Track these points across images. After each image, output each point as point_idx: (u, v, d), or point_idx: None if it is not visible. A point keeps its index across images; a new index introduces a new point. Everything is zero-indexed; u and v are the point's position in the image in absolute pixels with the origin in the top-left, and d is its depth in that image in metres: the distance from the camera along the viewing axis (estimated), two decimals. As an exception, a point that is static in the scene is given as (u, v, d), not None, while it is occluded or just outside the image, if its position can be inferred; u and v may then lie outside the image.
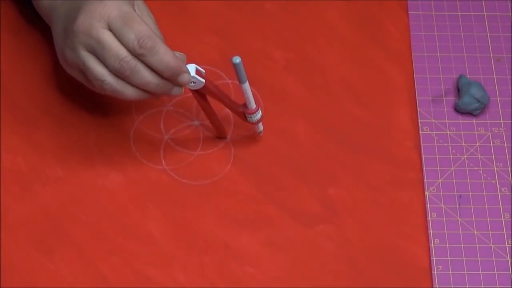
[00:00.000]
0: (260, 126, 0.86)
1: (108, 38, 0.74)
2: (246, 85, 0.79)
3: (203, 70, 0.80)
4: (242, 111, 0.83)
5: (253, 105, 0.82)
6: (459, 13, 0.97)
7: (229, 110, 0.86)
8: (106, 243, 0.82)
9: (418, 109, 0.90)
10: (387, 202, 0.85)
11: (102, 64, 0.76)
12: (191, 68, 0.78)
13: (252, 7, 0.95)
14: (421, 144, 0.88)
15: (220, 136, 0.87)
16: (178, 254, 0.82)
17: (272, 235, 0.83)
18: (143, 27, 0.74)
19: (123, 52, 0.74)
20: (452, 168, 0.87)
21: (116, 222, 0.83)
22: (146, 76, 0.76)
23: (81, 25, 0.75)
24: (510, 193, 0.86)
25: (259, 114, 0.84)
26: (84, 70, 0.77)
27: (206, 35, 0.93)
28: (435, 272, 0.82)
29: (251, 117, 0.83)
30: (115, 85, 0.76)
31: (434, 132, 0.89)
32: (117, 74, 0.76)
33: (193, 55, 0.91)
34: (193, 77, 0.78)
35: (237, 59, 0.75)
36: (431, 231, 0.84)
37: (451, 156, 0.88)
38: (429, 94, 0.91)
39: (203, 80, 0.79)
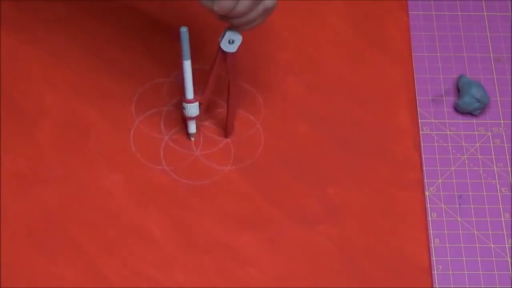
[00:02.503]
0: (192, 127, 0.81)
1: None
2: (187, 63, 0.72)
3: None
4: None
5: (189, 94, 0.75)
6: (459, 13, 0.97)
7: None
8: (106, 243, 0.82)
9: (418, 109, 0.90)
10: (387, 202, 0.85)
11: None
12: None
13: (252, 7, 0.95)
14: (421, 144, 0.88)
15: (226, 131, 0.86)
16: (178, 254, 0.82)
17: (272, 235, 0.83)
18: None
19: None
20: (452, 168, 0.87)
21: (116, 222, 0.83)
22: None
23: None
24: (510, 193, 0.86)
25: (194, 109, 0.77)
26: None
27: (206, 35, 0.93)
28: (435, 272, 0.82)
29: (184, 109, 0.77)
30: None
31: (434, 132, 0.89)
32: None
33: (193, 56, 0.91)
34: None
35: (184, 28, 0.70)
36: (431, 231, 0.84)
37: (451, 156, 0.88)
38: (429, 94, 0.91)
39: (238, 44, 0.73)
